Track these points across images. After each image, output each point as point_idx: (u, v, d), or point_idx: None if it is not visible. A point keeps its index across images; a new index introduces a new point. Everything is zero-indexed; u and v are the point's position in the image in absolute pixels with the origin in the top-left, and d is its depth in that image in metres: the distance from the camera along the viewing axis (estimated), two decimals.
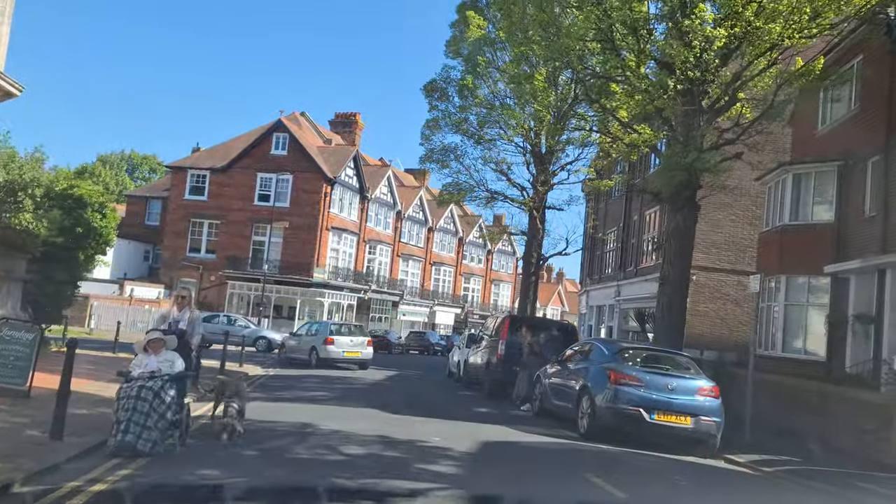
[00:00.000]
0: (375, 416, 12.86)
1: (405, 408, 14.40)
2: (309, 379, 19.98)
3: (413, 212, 57.72)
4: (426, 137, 28.48)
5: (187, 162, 49.30)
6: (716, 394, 12.19)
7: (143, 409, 7.66)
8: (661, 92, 14.01)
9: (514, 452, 10.63)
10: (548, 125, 22.89)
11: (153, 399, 7.75)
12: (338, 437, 10.08)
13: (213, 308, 41.89)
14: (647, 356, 13.01)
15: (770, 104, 16.34)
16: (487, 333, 20.99)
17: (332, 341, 23.90)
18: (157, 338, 8.54)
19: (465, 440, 10.81)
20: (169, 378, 8.10)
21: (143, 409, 7.66)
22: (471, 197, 29.51)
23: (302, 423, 10.96)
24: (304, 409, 13.05)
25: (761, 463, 11.60)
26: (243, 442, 8.90)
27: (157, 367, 8.20)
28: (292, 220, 45.33)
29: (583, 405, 12.53)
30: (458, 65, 27.79)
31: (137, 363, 8.35)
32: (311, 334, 25.41)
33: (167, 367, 8.26)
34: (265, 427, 10.32)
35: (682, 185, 15.19)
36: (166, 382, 8.01)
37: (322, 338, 24.21)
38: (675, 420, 11.73)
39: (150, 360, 8.28)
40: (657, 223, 28.85)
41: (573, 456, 10.80)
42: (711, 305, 26.63)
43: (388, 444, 9.89)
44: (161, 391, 7.87)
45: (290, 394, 15.73)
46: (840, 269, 17.81)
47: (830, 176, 19.11)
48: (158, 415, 7.75)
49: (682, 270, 16.20)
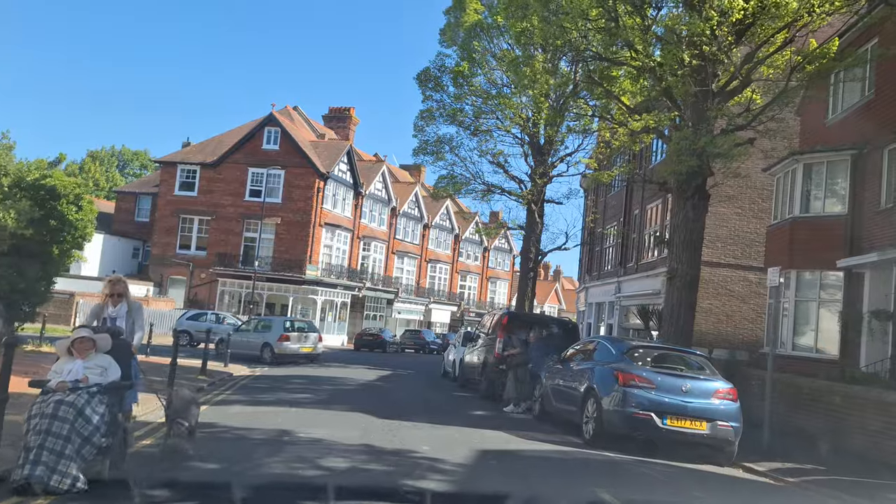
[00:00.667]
0: (363, 421, 11.82)
1: (396, 411, 13.36)
2: (295, 380, 18.96)
3: (408, 208, 56.88)
4: (420, 129, 27.49)
5: (177, 157, 48.37)
6: (733, 396, 11.16)
7: (62, 431, 5.89)
8: (675, 68, 13.02)
9: (513, 464, 9.58)
10: (547, 112, 21.89)
11: (75, 418, 5.99)
12: (318, 447, 9.02)
13: (203, 306, 41.03)
14: (658, 355, 11.91)
15: (784, 88, 15.43)
16: (484, 331, 20.03)
17: (287, 338, 24.43)
18: (85, 336, 6.69)
19: (460, 449, 9.81)
20: (98, 390, 6.32)
21: (60, 431, 5.89)
22: (466, 190, 28.51)
23: (280, 431, 9.93)
24: (286, 414, 12.02)
25: (784, 472, 10.62)
26: (206, 454, 7.81)
27: (82, 374, 6.42)
28: (284, 216, 44.64)
29: (588, 409, 11.51)
30: (453, 53, 26.86)
31: (57, 369, 6.53)
32: (260, 330, 25.41)
33: (97, 375, 6.48)
34: (238, 436, 9.31)
35: (691, 172, 14.21)
36: (94, 396, 6.22)
37: (277, 334, 24.56)
38: (689, 425, 10.71)
39: (74, 366, 6.50)
40: (659, 217, 28.02)
41: (579, 467, 9.78)
42: (716, 302, 25.71)
43: (374, 455, 8.86)
44: (86, 407, 6.09)
45: (272, 396, 14.70)
46: (854, 263, 17.03)
47: (843, 166, 18.28)
48: (82, 439, 5.97)
49: (692, 264, 15.23)
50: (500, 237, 68.39)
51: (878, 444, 11.54)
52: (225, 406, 12.68)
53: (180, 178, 46.92)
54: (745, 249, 25.84)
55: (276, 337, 24.37)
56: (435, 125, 27.41)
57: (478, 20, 24.89)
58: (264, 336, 24.72)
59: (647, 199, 29.27)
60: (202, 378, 16.85)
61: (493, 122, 26.89)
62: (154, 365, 18.14)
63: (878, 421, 11.77)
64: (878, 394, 12.19)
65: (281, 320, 26.46)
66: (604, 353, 12.33)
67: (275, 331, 24.79)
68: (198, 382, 15.95)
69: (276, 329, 24.88)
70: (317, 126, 54.25)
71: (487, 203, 32.75)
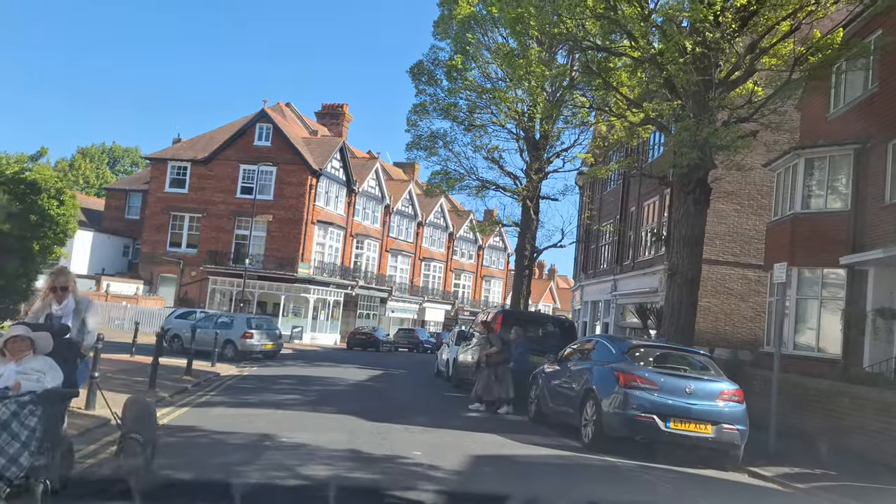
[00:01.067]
0: (351, 423, 11.27)
1: (387, 413, 12.81)
2: (284, 380, 18.41)
3: (402, 206, 56.36)
4: (413, 123, 26.88)
5: (168, 153, 47.71)
6: (739, 398, 10.62)
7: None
8: (676, 57, 12.50)
9: (510, 470, 9.02)
10: (543, 105, 21.35)
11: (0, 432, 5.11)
12: (301, 452, 8.45)
13: (193, 305, 40.41)
14: (660, 355, 11.33)
15: (787, 79, 14.97)
16: (478, 330, 19.50)
17: (251, 335, 25.00)
18: (20, 336, 5.76)
19: (453, 454, 9.27)
20: (31, 399, 5.33)
21: None
22: (460, 186, 27.96)
23: (261, 435, 9.34)
24: (270, 417, 11.46)
25: (792, 477, 10.12)
26: (177, 462, 7.22)
27: (13, 380, 5.49)
28: (276, 214, 44.08)
29: (587, 411, 10.96)
30: (446, 46, 26.29)
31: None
32: (218, 326, 25.27)
33: (32, 381, 5.53)
34: (216, 440, 8.75)
35: (693, 165, 13.70)
36: (24, 406, 5.25)
37: (240, 331, 25.09)
38: (693, 429, 10.17)
39: (5, 371, 5.56)
40: (656, 214, 27.59)
41: (578, 473, 9.25)
42: (714, 300, 25.27)
43: (361, 461, 8.29)
44: (13, 420, 5.15)
45: (257, 397, 14.13)
46: (858, 260, 16.61)
47: (846, 160, 17.87)
48: (6, 459, 5.05)
49: (693, 260, 14.73)
50: (495, 235, 67.92)
51: (888, 448, 11.07)
52: (207, 408, 12.13)
53: (171, 175, 46.31)
54: (743, 247, 25.44)
55: (239, 334, 24.95)
56: (428, 120, 26.87)
57: (472, 12, 24.33)
58: (227, 334, 25.01)
59: (643, 196, 28.84)
60: (187, 378, 16.30)
61: (487, 117, 26.36)
62: (138, 365, 17.62)
63: (888, 424, 11.31)
64: (893, 395, 11.70)
65: (243, 317, 26.97)
66: (603, 352, 11.77)
67: (237, 329, 25.29)
68: (182, 383, 15.41)
69: (239, 327, 25.38)
70: (310, 123, 53.64)
71: (482, 200, 32.25)
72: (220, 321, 26.36)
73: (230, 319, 26.58)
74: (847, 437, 12.02)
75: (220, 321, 26.36)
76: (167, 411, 11.27)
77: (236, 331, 25.12)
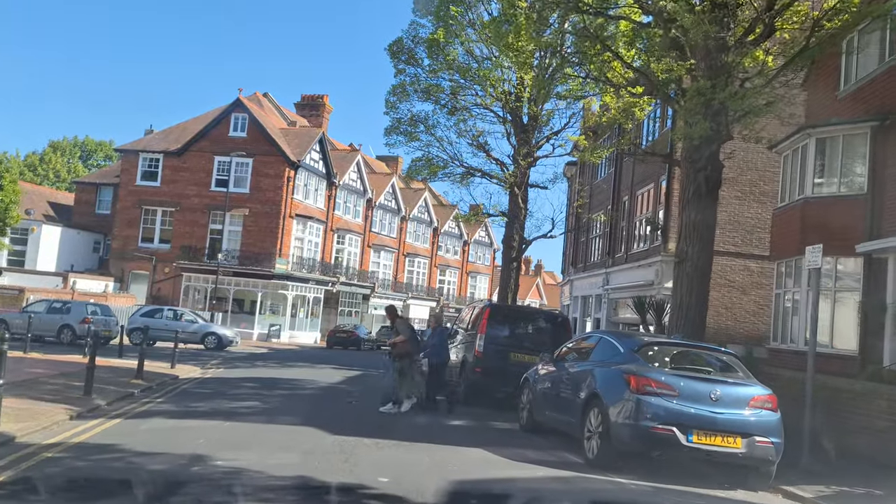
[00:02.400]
0: (310, 438, 9.44)
1: (356, 424, 11.02)
2: (247, 383, 16.55)
3: (385, 200, 54.62)
4: (392, 105, 25.00)
5: (139, 145, 45.67)
6: (773, 405, 8.78)
7: None
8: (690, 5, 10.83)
9: (497, 500, 7.27)
10: (532, 83, 19.63)
11: None
12: (233, 483, 6.57)
13: (166, 302, 38.48)
14: (676, 354, 9.52)
15: (805, 46, 13.38)
16: (463, 326, 17.74)
17: (90, 321, 24.53)
18: None
19: (429, 478, 7.50)
20: None
21: None
22: (444, 174, 26.16)
23: (193, 457, 7.48)
24: (214, 431, 9.62)
25: (832, 498, 8.49)
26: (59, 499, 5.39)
27: None
28: (252, 207, 42.47)
29: (590, 421, 9.20)
30: (427, 23, 24.47)
31: None
32: (54, 312, 25.66)
33: None
34: (129, 466, 6.89)
35: (705, 136, 12.03)
36: None
37: (80, 317, 25.17)
38: (720, 442, 8.38)
39: None
40: (651, 203, 26.00)
41: (583, 501, 7.53)
42: (715, 293, 23.50)
43: (310, 495, 6.52)
44: None
45: (209, 405, 12.25)
46: (876, 247, 15.13)
47: (862, 139, 16.35)
48: None
49: (705, 246, 13.06)
50: (481, 230, 66.32)
51: None
52: (143, 419, 10.29)
53: (142, 168, 44.31)
54: (745, 236, 24.00)
55: (79, 319, 24.96)
56: (409, 102, 25.04)
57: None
58: (64, 318, 25.30)
59: (637, 185, 27.27)
60: (136, 382, 14.43)
61: (471, 98, 24.63)
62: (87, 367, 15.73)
63: None
64: None
65: (80, 304, 27.12)
66: (607, 350, 9.97)
67: (74, 314, 25.43)
68: (128, 388, 13.57)
69: (78, 312, 25.51)
70: (288, 114, 51.72)
71: (467, 188, 30.39)
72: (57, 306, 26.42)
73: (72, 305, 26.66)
74: (888, 446, 10.42)
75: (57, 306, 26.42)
76: (93, 424, 9.47)
77: (74, 316, 25.24)
